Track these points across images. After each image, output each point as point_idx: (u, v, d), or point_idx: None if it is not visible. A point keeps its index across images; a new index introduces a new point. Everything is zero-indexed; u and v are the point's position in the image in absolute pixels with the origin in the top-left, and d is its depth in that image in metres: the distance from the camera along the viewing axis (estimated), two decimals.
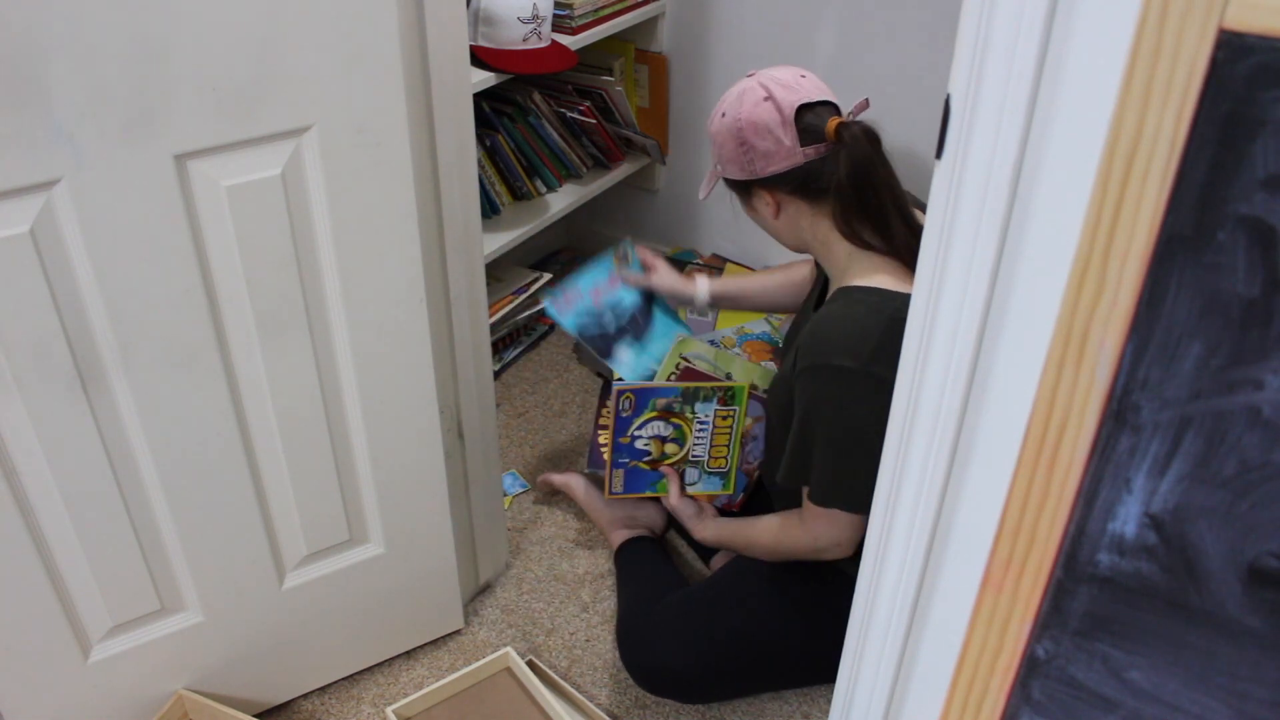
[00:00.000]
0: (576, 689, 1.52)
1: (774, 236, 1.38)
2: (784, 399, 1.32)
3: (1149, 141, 0.54)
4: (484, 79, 1.77)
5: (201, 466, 1.22)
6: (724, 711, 1.52)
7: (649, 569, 1.63)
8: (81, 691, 1.30)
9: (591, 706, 1.48)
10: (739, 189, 1.35)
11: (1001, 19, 0.58)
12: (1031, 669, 0.73)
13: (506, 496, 1.89)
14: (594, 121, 2.12)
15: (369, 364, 1.27)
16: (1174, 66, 0.52)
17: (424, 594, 1.54)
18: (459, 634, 1.63)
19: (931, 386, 0.72)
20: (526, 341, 2.31)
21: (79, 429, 1.12)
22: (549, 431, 2.07)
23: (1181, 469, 0.60)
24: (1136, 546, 0.64)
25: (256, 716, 1.47)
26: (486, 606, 1.68)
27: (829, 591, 1.39)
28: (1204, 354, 0.57)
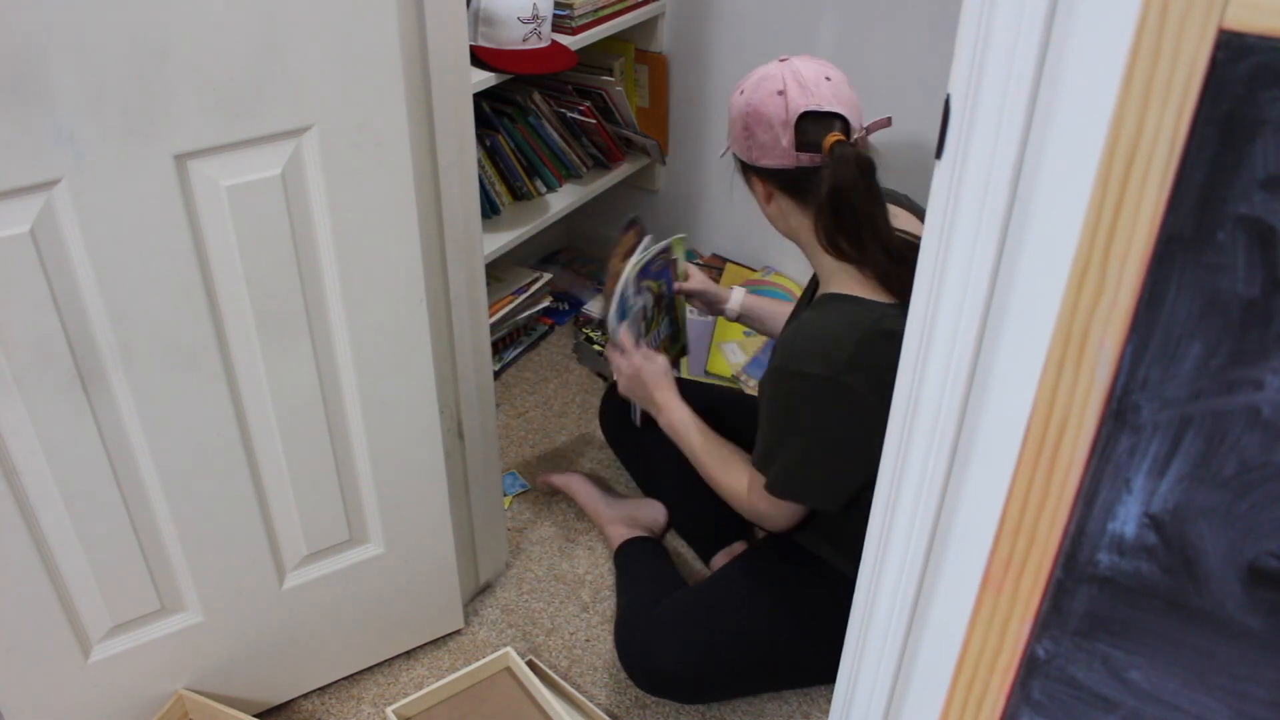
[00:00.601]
0: (576, 689, 1.52)
1: (768, 220, 1.39)
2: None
3: (1149, 141, 0.54)
4: (484, 79, 1.77)
5: (201, 466, 1.22)
6: (724, 711, 1.52)
7: (649, 569, 1.63)
8: (81, 691, 1.30)
9: (591, 706, 1.48)
10: (739, 167, 1.37)
11: (1001, 19, 0.58)
12: (1031, 669, 0.73)
13: (506, 496, 1.89)
14: (594, 121, 2.12)
15: (369, 364, 1.27)
16: (1174, 66, 0.52)
17: (424, 594, 1.54)
18: (459, 634, 1.63)
19: (931, 386, 0.72)
20: (526, 341, 2.31)
21: (79, 429, 1.12)
22: (549, 431, 2.07)
23: (1181, 469, 0.60)
24: (1136, 546, 0.64)
25: (256, 716, 1.47)
26: (486, 606, 1.68)
27: (829, 592, 1.39)
28: (1204, 354, 0.57)
